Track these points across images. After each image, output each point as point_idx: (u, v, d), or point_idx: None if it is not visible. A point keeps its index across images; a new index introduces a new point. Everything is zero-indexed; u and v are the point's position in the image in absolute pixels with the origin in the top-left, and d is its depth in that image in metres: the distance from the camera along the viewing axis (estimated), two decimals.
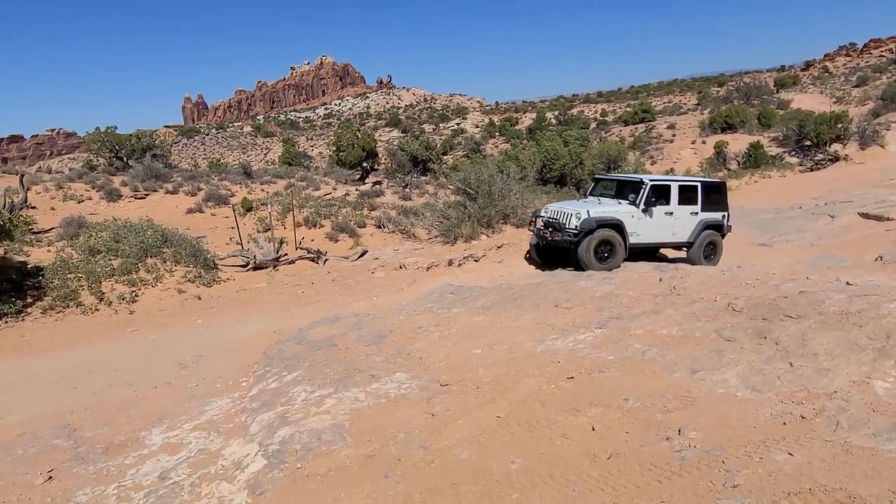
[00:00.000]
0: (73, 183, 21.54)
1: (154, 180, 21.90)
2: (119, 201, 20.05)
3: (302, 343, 8.83)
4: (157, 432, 6.37)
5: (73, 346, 10.12)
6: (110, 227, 14.55)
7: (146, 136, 27.70)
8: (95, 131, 26.23)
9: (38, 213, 17.21)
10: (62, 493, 5.30)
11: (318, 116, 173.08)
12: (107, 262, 12.73)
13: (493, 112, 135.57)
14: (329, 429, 5.26)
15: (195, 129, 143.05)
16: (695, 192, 13.61)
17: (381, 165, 37.85)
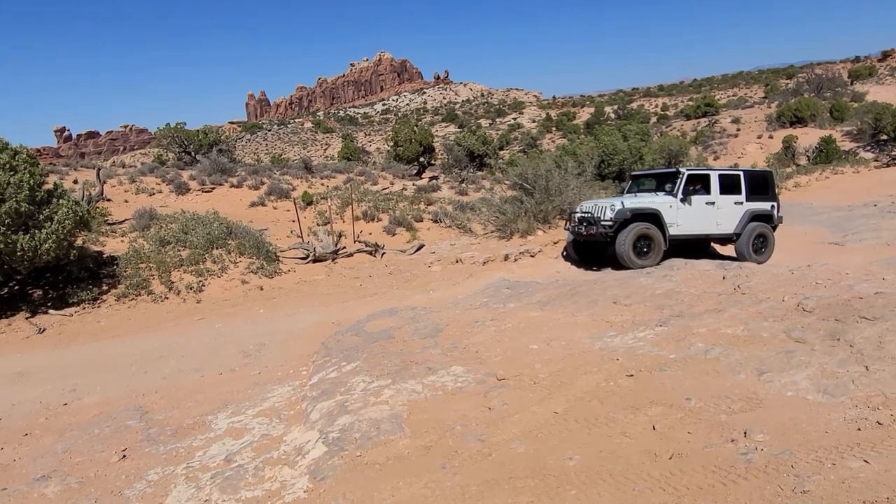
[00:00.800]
0: (145, 176, 22.52)
1: (220, 174, 22.66)
2: (187, 194, 20.84)
3: (360, 335, 8.98)
4: (223, 417, 6.61)
5: (144, 333, 10.60)
6: (179, 220, 15.16)
7: (213, 131, 28.68)
8: (166, 127, 27.34)
9: (112, 205, 18.09)
10: (135, 471, 5.57)
11: (376, 112, 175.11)
12: (176, 253, 13.28)
13: (550, 107, 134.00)
14: (387, 419, 5.35)
15: (258, 126, 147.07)
16: (738, 182, 13.14)
17: (437, 161, 38.01)
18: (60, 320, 11.18)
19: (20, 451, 6.32)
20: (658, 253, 12.23)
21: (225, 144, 28.53)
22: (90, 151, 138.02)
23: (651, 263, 11.98)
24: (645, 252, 12.21)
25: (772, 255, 13.23)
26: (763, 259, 12.81)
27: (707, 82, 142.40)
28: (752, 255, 12.79)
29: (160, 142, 28.44)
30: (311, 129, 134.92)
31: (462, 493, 3.95)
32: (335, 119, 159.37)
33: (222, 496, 4.76)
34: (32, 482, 5.55)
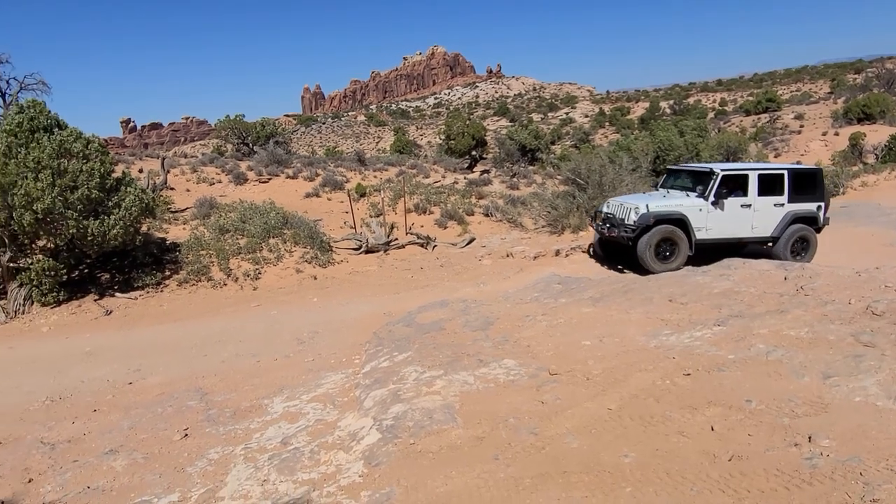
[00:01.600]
0: (206, 167, 23.25)
1: (276, 165, 23.19)
2: (245, 184, 21.41)
3: (411, 326, 9.06)
4: (279, 401, 6.79)
5: (203, 317, 10.97)
6: (238, 209, 15.60)
7: (270, 123, 29.34)
8: (225, 119, 28.14)
9: (175, 193, 18.75)
10: (196, 449, 5.78)
11: (428, 106, 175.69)
12: (234, 241, 13.68)
13: (603, 101, 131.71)
14: (440, 409, 5.39)
15: (312, 118, 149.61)
16: (780, 182, 12.24)
17: (489, 154, 37.90)
18: (126, 303, 11.68)
19: (90, 426, 6.65)
20: (682, 258, 11.74)
21: (281, 136, 29.16)
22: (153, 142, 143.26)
23: (674, 268, 11.50)
24: (667, 256, 11.76)
25: (813, 258, 12.37)
26: (803, 262, 11.96)
27: (769, 77, 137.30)
28: (789, 259, 11.98)
29: (220, 133, 29.30)
30: (364, 123, 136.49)
31: (515, 485, 3.96)
32: (387, 112, 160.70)
33: (280, 477, 4.90)
34: (101, 455, 5.83)
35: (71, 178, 11.04)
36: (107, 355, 9.20)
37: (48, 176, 10.70)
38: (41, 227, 10.94)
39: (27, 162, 10.70)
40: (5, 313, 11.09)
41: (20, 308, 11.20)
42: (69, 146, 11.19)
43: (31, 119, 11.27)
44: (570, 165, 18.49)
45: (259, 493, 4.75)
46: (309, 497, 4.47)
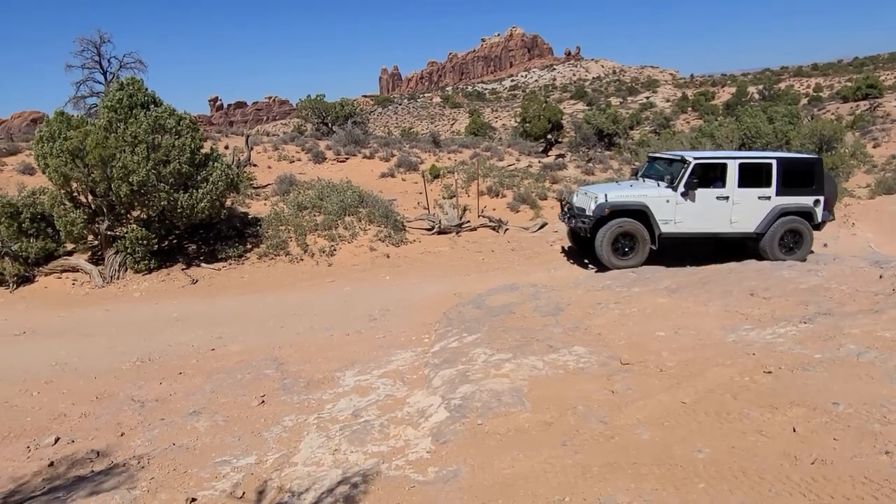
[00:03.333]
0: (286, 145, 23.97)
1: (353, 145, 23.63)
2: (323, 163, 21.95)
3: (481, 308, 9.09)
4: (350, 375, 6.99)
5: (281, 290, 11.38)
6: (315, 187, 16.04)
7: (348, 104, 29.89)
8: (307, 99, 28.87)
9: (258, 170, 19.44)
10: (272, 416, 6.04)
11: (504, 88, 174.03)
12: (312, 218, 14.08)
13: (686, 86, 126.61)
14: (508, 391, 5.41)
15: (389, 99, 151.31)
16: (766, 172, 11.04)
17: (565, 138, 37.26)
18: (210, 273, 12.27)
19: (175, 387, 7.06)
20: (642, 253, 10.91)
21: (359, 117, 29.67)
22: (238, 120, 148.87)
23: (634, 264, 10.78)
24: (626, 252, 10.93)
25: (806, 255, 11.23)
26: (794, 258, 10.92)
27: (870, 61, 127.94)
28: (777, 255, 11.00)
29: (300, 112, 30.10)
30: (440, 104, 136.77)
31: (583, 472, 3.93)
32: (463, 94, 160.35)
33: (350, 447, 5.06)
34: (186, 415, 6.19)
35: (164, 152, 11.65)
36: (192, 322, 9.71)
37: (143, 150, 11.33)
38: (136, 199, 11.62)
39: (125, 136, 11.36)
40: (102, 278, 11.88)
41: (115, 274, 11.97)
42: (163, 122, 11.80)
43: (130, 96, 11.95)
44: (649, 151, 17.93)
45: (330, 461, 4.92)
46: (378, 469, 4.59)
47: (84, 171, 11.20)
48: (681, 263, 10.88)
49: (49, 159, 11.31)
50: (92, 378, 7.46)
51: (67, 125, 11.61)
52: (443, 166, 22.09)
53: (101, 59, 23.50)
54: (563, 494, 3.76)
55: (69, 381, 7.42)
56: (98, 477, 5.07)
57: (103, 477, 5.05)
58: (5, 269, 11.77)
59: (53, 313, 10.61)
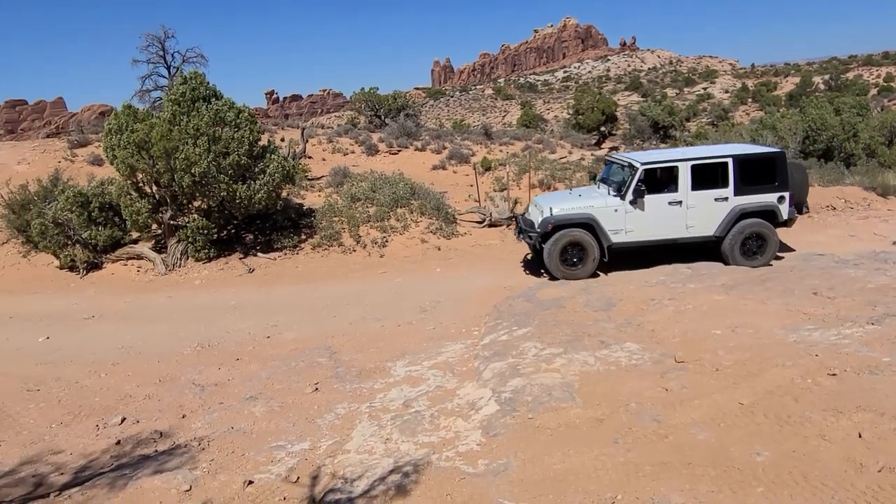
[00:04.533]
0: (340, 137, 24.31)
1: (406, 137, 23.78)
2: (376, 155, 22.17)
3: (531, 301, 9.06)
4: (401, 365, 7.08)
5: (334, 281, 11.59)
6: (368, 178, 16.22)
7: (401, 96, 30.09)
8: (360, 91, 29.21)
9: (312, 162, 19.79)
10: (325, 403, 6.19)
11: (557, 80, 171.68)
12: (364, 210, 14.27)
13: (746, 76, 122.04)
14: (559, 386, 5.39)
15: (441, 92, 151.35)
16: (721, 172, 10.33)
17: (618, 131, 36.58)
18: (266, 263, 12.60)
19: (233, 373, 7.30)
20: (591, 265, 10.38)
21: (411, 109, 29.83)
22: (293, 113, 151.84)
23: (584, 275, 10.34)
24: (575, 263, 10.38)
25: (772, 258, 10.56)
26: (758, 264, 10.31)
27: None
28: (739, 260, 10.37)
29: (354, 105, 30.45)
30: (492, 96, 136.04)
31: (635, 471, 3.89)
32: (515, 86, 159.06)
33: (402, 437, 5.14)
34: (243, 400, 6.40)
35: (224, 144, 12.00)
36: (248, 310, 10.00)
37: (205, 142, 11.70)
38: (197, 189, 12.02)
39: (188, 129, 11.76)
40: (165, 266, 12.35)
41: (177, 262, 12.43)
42: (223, 115, 12.16)
43: (193, 89, 12.34)
44: (706, 144, 17.41)
45: (382, 450, 5.01)
46: (429, 459, 4.65)
47: (149, 162, 11.65)
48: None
49: (117, 151, 11.80)
50: (155, 362, 7.79)
51: (134, 118, 12.09)
52: (494, 159, 22.00)
53: (166, 53, 24.29)
54: (615, 492, 3.73)
55: (134, 363, 7.77)
56: (161, 456, 5.30)
57: (166, 457, 5.29)
58: (76, 256, 12.38)
59: (120, 299, 11.11)
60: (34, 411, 6.44)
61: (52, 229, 12.30)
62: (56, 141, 23.22)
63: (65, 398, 6.75)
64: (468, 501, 4.00)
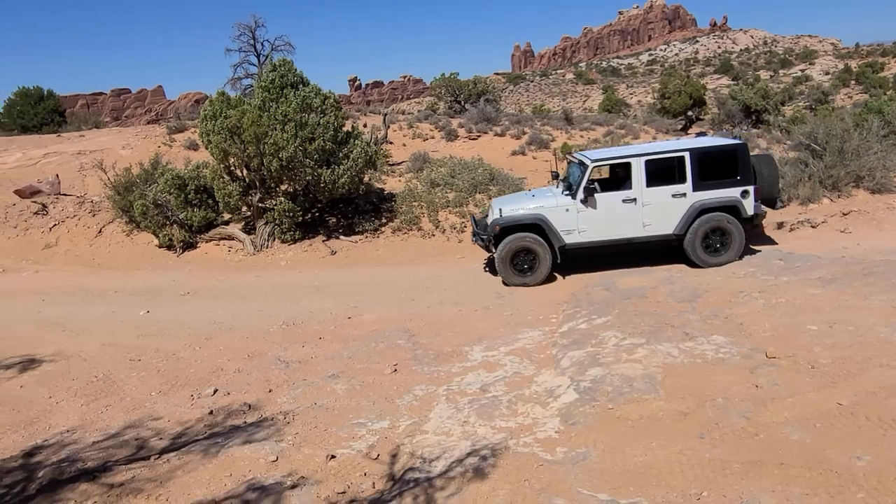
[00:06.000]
0: (420, 123, 24.50)
1: (485, 123, 23.69)
2: (455, 141, 22.21)
3: (611, 290, 8.89)
4: (478, 350, 7.12)
5: (413, 264, 11.77)
6: (448, 164, 16.31)
7: (481, 81, 29.96)
8: (441, 77, 29.31)
9: (393, 147, 20.07)
10: (404, 384, 6.31)
11: (641, 63, 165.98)
12: (444, 195, 14.37)
13: (850, 56, 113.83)
14: (640, 377, 5.27)
15: (521, 76, 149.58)
16: (678, 166, 9.85)
17: (706, 115, 35.02)
18: (348, 245, 12.94)
19: (316, 351, 7.56)
20: (544, 269, 9.95)
21: (491, 94, 29.64)
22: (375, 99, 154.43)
23: (533, 282, 9.94)
24: (526, 269, 9.99)
25: (738, 255, 9.97)
26: (723, 260, 9.79)
27: None
28: (702, 257, 9.81)
29: (434, 91, 30.59)
30: (572, 81, 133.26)
31: (722, 468, 3.77)
32: (597, 70, 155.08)
33: (479, 420, 5.18)
34: (325, 378, 6.62)
35: (310, 130, 12.38)
36: (331, 290, 10.31)
37: (292, 128, 12.11)
38: (284, 173, 12.47)
39: (276, 115, 12.19)
40: (254, 246, 12.91)
41: (265, 243, 12.97)
42: (310, 101, 12.53)
43: (282, 76, 12.79)
44: (804, 129, 16.36)
45: (459, 432, 5.07)
46: (506, 444, 4.67)
47: (240, 147, 12.17)
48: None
49: (211, 136, 12.40)
50: (244, 337, 8.18)
51: (227, 105, 12.65)
52: (575, 144, 21.60)
53: (256, 42, 25.27)
54: (701, 488, 3.62)
55: (225, 339, 8.19)
56: (250, 428, 5.58)
57: (254, 428, 5.56)
58: (173, 236, 13.14)
59: (212, 277, 11.72)
60: (136, 380, 6.91)
61: (152, 210, 13.09)
62: (156, 127, 24.64)
63: (163, 368, 7.20)
64: (546, 488, 4.00)
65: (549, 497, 3.90)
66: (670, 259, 10.14)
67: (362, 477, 4.56)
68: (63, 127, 29.35)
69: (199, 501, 4.40)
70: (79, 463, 5.08)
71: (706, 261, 9.79)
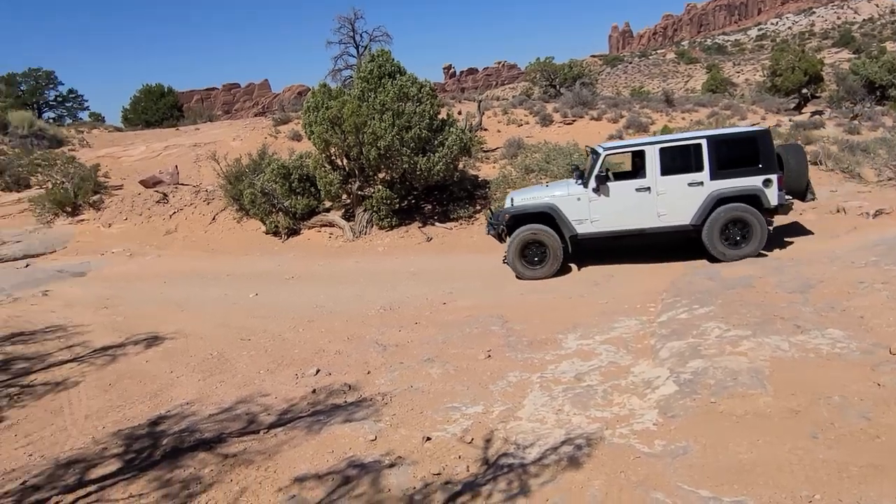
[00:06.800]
0: (515, 109, 24.35)
1: (581, 107, 23.20)
2: (550, 126, 21.91)
3: (714, 279, 8.51)
4: (572, 338, 7.03)
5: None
6: (542, 149, 16.14)
7: (577, 65, 29.32)
8: (535, 62, 28.94)
9: (487, 134, 20.09)
10: (498, 370, 6.35)
11: (750, 39, 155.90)
12: (538, 181, 14.23)
13: None
14: (746, 371, 5.03)
15: (619, 58, 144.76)
16: (695, 154, 9.52)
17: (823, 93, 32.52)
18: (442, 232, 13.12)
19: (412, 336, 7.75)
20: (554, 260, 9.85)
21: (587, 78, 28.96)
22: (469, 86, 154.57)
23: (544, 274, 9.85)
24: (536, 261, 9.90)
25: (761, 247, 9.44)
26: (743, 254, 9.37)
27: None
28: (722, 250, 9.44)
29: (529, 76, 30.23)
30: (674, 61, 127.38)
31: (838, 470, 3.54)
32: (701, 48, 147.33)
33: (573, 409, 5.14)
34: (421, 361, 6.78)
35: (406, 119, 12.63)
36: (426, 276, 10.51)
37: (390, 117, 12.39)
38: (382, 162, 12.80)
39: (375, 105, 12.51)
40: (353, 233, 13.37)
41: (363, 230, 13.40)
42: (407, 90, 12.77)
43: (380, 66, 13.11)
44: None
45: (553, 420, 5.05)
46: (602, 434, 4.61)
47: (341, 136, 12.60)
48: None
49: (314, 127, 12.91)
50: (344, 321, 8.51)
51: (328, 96, 13.12)
52: (676, 127, 20.74)
53: (355, 34, 25.95)
54: (813, 491, 3.43)
55: (326, 321, 8.55)
56: (350, 407, 5.81)
57: (354, 408, 5.79)
58: (279, 223, 13.84)
59: (314, 262, 12.25)
60: (246, 358, 7.37)
61: (259, 198, 13.83)
62: (263, 119, 25.93)
63: (270, 348, 7.63)
64: (643, 481, 3.92)
65: (646, 490, 3.82)
66: (769, 246, 9.62)
67: (457, 460, 4.65)
68: (181, 121, 31.53)
69: (304, 475, 4.65)
70: (197, 433, 5.50)
71: (725, 254, 9.49)
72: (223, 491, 4.54)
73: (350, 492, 4.36)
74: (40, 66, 35.64)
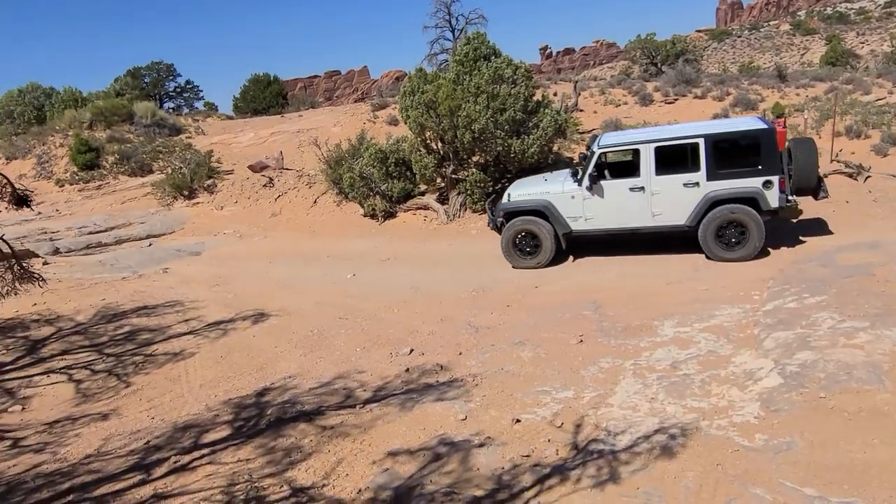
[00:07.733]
0: (613, 88, 23.56)
1: (684, 85, 22.09)
2: (650, 105, 21.05)
3: (828, 266, 7.96)
4: (669, 325, 6.82)
5: None
6: None
7: (680, 41, 27.89)
8: (636, 39, 27.81)
9: (584, 115, 19.59)
10: (590, 355, 6.28)
11: (877, 6, 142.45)
12: None
13: None
14: (862, 365, 4.70)
15: (726, 32, 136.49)
16: (691, 153, 9.38)
17: None
18: None
19: (503, 318, 7.78)
20: (545, 253, 9.95)
21: (691, 54, 27.50)
22: (566, 67, 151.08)
23: (535, 265, 9.99)
24: (529, 252, 10.09)
25: (758, 250, 9.02)
26: (738, 256, 9.07)
27: None
28: (717, 251, 9.18)
29: (628, 54, 29.14)
30: (788, 32, 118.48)
31: None
32: (819, 18, 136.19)
33: (668, 398, 5.01)
34: (512, 344, 6.81)
35: (501, 101, 12.57)
36: None
37: (484, 100, 12.38)
38: (476, 145, 12.83)
39: (469, 88, 12.54)
40: (447, 216, 13.53)
41: (457, 213, 13.52)
42: (501, 72, 12.69)
43: (475, 49, 13.11)
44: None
45: (647, 409, 4.95)
46: (698, 425, 4.47)
47: (436, 120, 12.72)
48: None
49: (410, 111, 13.12)
50: (438, 302, 8.67)
51: (424, 80, 13.27)
52: (789, 104, 19.36)
53: (451, 17, 25.98)
54: None
55: (420, 303, 8.75)
56: (442, 387, 5.95)
57: (446, 387, 5.92)
58: (376, 206, 14.23)
59: (409, 244, 12.52)
60: (344, 336, 7.68)
61: (358, 182, 14.27)
62: (362, 105, 26.61)
63: (366, 327, 7.91)
64: (742, 475, 3.77)
65: (745, 485, 3.67)
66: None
67: (546, 443, 4.67)
68: (285, 108, 32.94)
69: (397, 450, 4.83)
70: (298, 405, 5.82)
71: (719, 255, 9.23)
72: (321, 460, 4.80)
73: (440, 468, 4.48)
74: (161, 59, 38.22)
